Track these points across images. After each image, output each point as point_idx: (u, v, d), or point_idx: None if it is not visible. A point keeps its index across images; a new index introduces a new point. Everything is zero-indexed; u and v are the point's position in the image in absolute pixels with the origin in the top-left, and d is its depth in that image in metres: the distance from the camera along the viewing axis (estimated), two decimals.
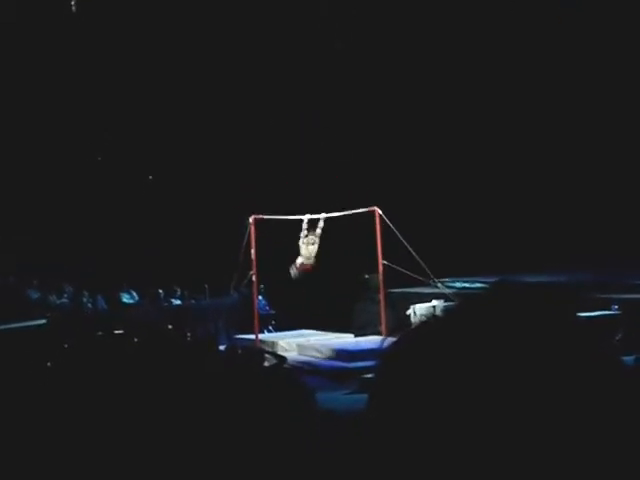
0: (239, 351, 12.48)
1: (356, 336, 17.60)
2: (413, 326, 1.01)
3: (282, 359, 13.87)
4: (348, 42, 22.26)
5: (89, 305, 20.51)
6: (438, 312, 1.00)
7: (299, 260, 17.04)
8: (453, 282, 18.02)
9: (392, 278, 17.09)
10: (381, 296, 17.28)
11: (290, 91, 22.29)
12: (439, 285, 17.18)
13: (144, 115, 23.02)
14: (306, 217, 17.19)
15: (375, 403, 0.94)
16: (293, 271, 17.15)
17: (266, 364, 11.68)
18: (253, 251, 16.94)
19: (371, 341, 15.99)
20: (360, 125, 22.44)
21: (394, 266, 16.59)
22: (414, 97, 22.22)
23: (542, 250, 19.64)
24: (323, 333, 18.37)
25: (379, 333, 16.72)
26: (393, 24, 22.00)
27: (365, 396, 0.97)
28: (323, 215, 17.22)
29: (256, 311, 17.61)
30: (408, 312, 16.80)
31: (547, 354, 0.88)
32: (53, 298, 20.13)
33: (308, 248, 17.01)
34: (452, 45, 21.85)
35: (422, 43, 21.95)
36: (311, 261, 17.04)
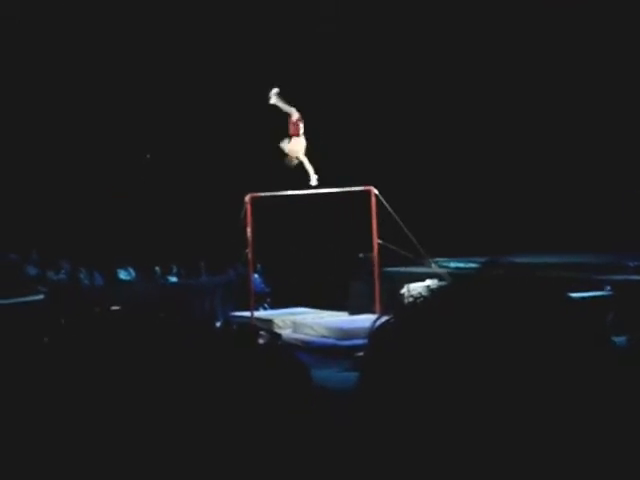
0: (234, 328, 12.61)
1: (350, 314, 17.68)
2: (403, 305, 1.00)
3: (277, 336, 14.00)
4: (344, 22, 22.25)
5: (86, 281, 20.59)
6: (427, 292, 0.96)
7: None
8: (447, 262, 18.12)
9: (387, 257, 17.17)
10: (375, 275, 17.41)
11: (285, 69, 22.30)
12: (433, 265, 17.28)
13: (141, 93, 23.02)
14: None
15: (364, 382, 0.94)
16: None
17: (261, 341, 11.80)
18: (249, 229, 17.00)
19: (365, 319, 15.97)
20: (357, 104, 22.45)
21: (389, 245, 16.69)
22: (410, 79, 22.24)
23: (536, 231, 19.75)
24: (318, 311, 18.44)
25: (373, 312, 16.79)
26: (390, 8, 22.00)
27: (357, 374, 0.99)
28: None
29: (252, 289, 17.73)
30: (402, 291, 16.87)
31: (537, 334, 0.88)
32: (51, 274, 20.20)
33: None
34: (450, 29, 21.86)
35: (420, 24, 21.96)
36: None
